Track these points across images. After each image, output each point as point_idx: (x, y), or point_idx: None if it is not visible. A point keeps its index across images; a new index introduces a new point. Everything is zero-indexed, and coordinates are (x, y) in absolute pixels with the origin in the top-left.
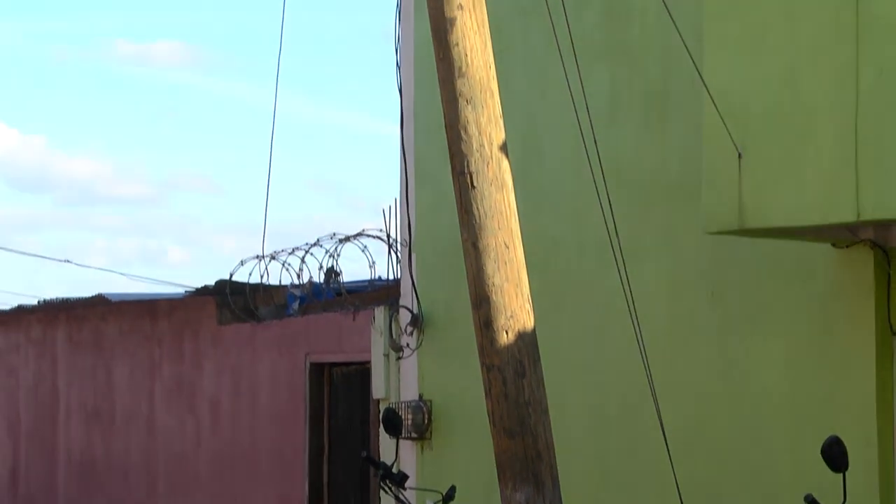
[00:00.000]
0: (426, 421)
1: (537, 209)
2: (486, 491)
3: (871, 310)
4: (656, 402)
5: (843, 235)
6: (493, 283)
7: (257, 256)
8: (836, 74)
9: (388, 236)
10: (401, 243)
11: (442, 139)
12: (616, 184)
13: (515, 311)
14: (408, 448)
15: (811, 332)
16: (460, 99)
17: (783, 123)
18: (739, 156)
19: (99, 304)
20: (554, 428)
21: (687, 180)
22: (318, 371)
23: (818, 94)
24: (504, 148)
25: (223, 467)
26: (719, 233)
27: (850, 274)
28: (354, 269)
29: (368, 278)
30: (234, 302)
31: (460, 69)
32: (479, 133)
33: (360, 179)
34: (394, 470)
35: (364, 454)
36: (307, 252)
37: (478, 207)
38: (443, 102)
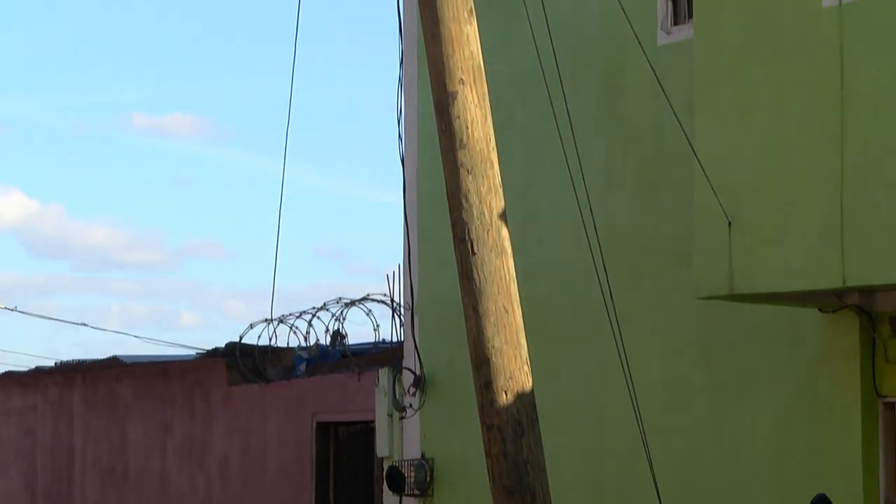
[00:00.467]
0: (428, 478)
1: (535, 274)
2: None
3: (856, 372)
4: (650, 459)
5: (829, 301)
6: (493, 346)
7: (266, 320)
8: (822, 146)
9: (392, 300)
10: (404, 307)
11: (444, 207)
12: (611, 250)
13: (514, 373)
14: None
15: (799, 393)
16: (461, 169)
17: (771, 193)
18: (729, 224)
19: (113, 365)
20: (551, 486)
21: (679, 247)
22: (325, 430)
23: (805, 165)
24: (503, 216)
25: None
26: (710, 298)
27: (836, 338)
28: (359, 331)
29: (373, 341)
30: (243, 364)
31: (461, 141)
32: (480, 202)
33: (365, 246)
34: None
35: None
36: (314, 316)
37: (478, 273)
38: (444, 172)
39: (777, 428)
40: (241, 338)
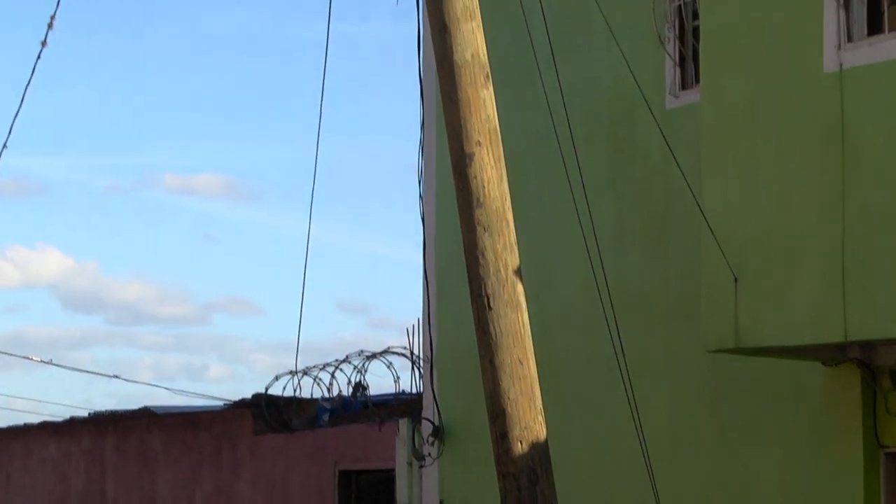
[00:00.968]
0: None
1: (549, 328)
2: None
3: (858, 424)
4: None
5: (831, 354)
6: (509, 397)
7: (291, 372)
8: (824, 206)
9: (412, 353)
10: (423, 360)
11: (461, 264)
12: (622, 305)
13: (529, 423)
14: None
15: (803, 444)
16: (478, 227)
17: (775, 251)
18: (735, 280)
19: (145, 416)
20: None
21: (687, 302)
22: (347, 478)
23: (807, 224)
24: (518, 272)
25: None
26: (717, 351)
27: (838, 390)
28: (380, 383)
29: (393, 392)
30: (269, 414)
31: (478, 200)
32: (496, 258)
33: (386, 301)
34: None
35: None
36: (337, 368)
37: (494, 327)
38: (462, 230)
39: (781, 477)
40: (266, 389)
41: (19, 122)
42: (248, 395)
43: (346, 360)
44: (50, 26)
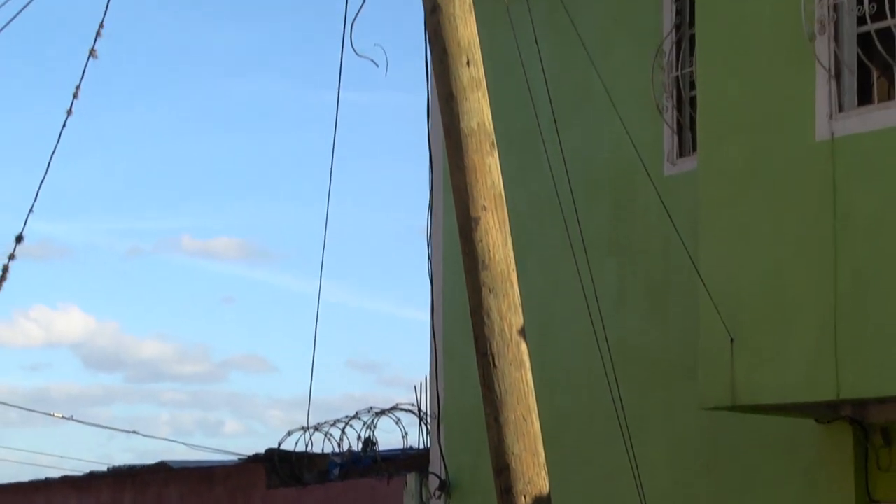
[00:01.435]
0: None
1: (552, 386)
2: None
3: (850, 479)
4: None
5: (825, 412)
6: (513, 453)
7: (303, 428)
8: (817, 269)
9: (419, 410)
10: (430, 416)
11: (467, 324)
12: (622, 364)
13: (532, 478)
14: None
15: (797, 498)
16: (484, 288)
17: (770, 312)
18: (732, 340)
19: (162, 470)
20: None
21: (685, 361)
22: None
23: (801, 286)
24: (522, 332)
25: None
26: (714, 409)
27: (831, 447)
28: (389, 439)
29: (401, 447)
30: (281, 468)
31: (484, 262)
32: (501, 319)
33: (395, 359)
34: None
35: None
36: (347, 424)
37: (499, 385)
38: (468, 291)
39: None
40: (279, 444)
41: (45, 188)
42: (262, 450)
43: (356, 416)
44: (75, 96)
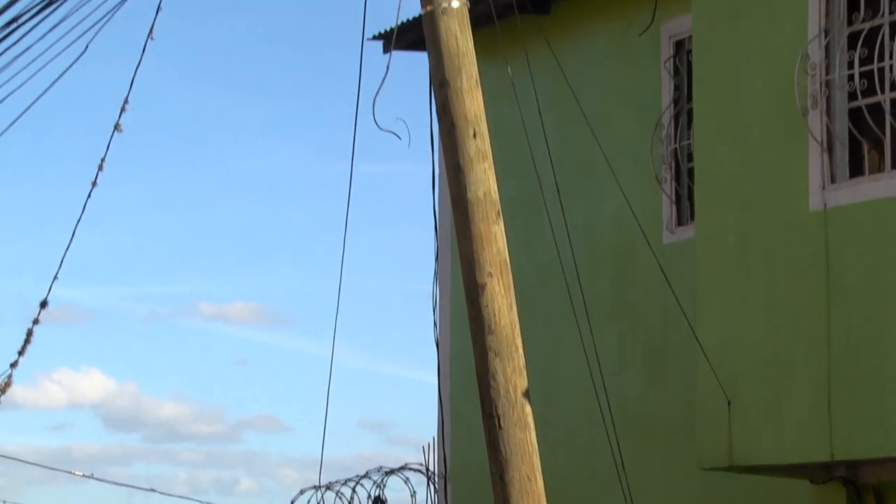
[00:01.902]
0: None
1: (555, 446)
2: None
3: None
4: None
5: (819, 473)
6: None
7: (315, 487)
8: (810, 335)
9: (427, 469)
10: (438, 475)
11: (473, 386)
12: (623, 424)
13: None
14: None
15: None
16: (489, 352)
17: (766, 375)
18: (729, 403)
19: None
20: None
21: (684, 422)
22: None
23: (795, 350)
24: (527, 394)
25: None
26: (712, 469)
27: None
28: (398, 497)
29: None
30: None
31: (489, 327)
32: (506, 381)
33: (403, 419)
34: None
35: None
36: (357, 483)
37: (504, 445)
38: (475, 355)
39: None
40: (292, 502)
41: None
42: None
43: (367, 475)
44: (100, 168)
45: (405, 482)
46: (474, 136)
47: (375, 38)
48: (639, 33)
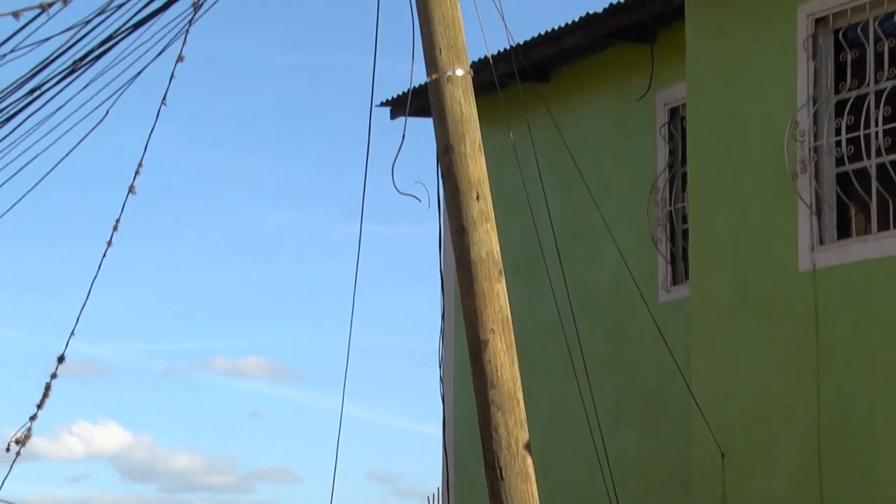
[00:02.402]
0: None
1: (555, 498)
2: None
3: None
4: None
5: None
6: None
7: None
8: (801, 390)
9: None
10: None
11: (476, 438)
12: (620, 476)
13: None
14: None
15: None
16: (492, 406)
17: (758, 429)
18: (722, 455)
19: None
20: None
21: (679, 474)
22: None
23: (786, 405)
24: (528, 446)
25: None
26: None
27: None
28: None
29: None
30: None
31: (492, 381)
32: (508, 434)
33: (409, 470)
34: None
35: None
36: None
37: (506, 496)
38: (478, 409)
39: None
40: None
41: (85, 312)
42: None
43: None
44: (115, 229)
45: None
46: (477, 198)
47: (383, 104)
48: (635, 100)
